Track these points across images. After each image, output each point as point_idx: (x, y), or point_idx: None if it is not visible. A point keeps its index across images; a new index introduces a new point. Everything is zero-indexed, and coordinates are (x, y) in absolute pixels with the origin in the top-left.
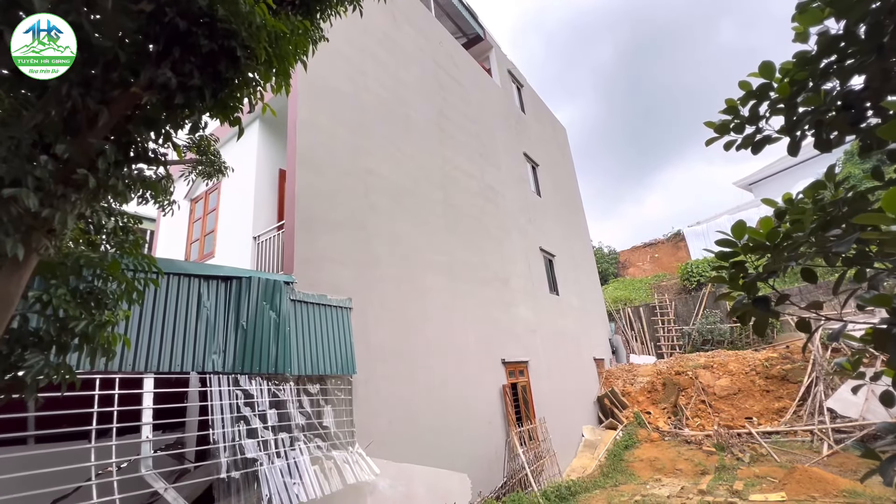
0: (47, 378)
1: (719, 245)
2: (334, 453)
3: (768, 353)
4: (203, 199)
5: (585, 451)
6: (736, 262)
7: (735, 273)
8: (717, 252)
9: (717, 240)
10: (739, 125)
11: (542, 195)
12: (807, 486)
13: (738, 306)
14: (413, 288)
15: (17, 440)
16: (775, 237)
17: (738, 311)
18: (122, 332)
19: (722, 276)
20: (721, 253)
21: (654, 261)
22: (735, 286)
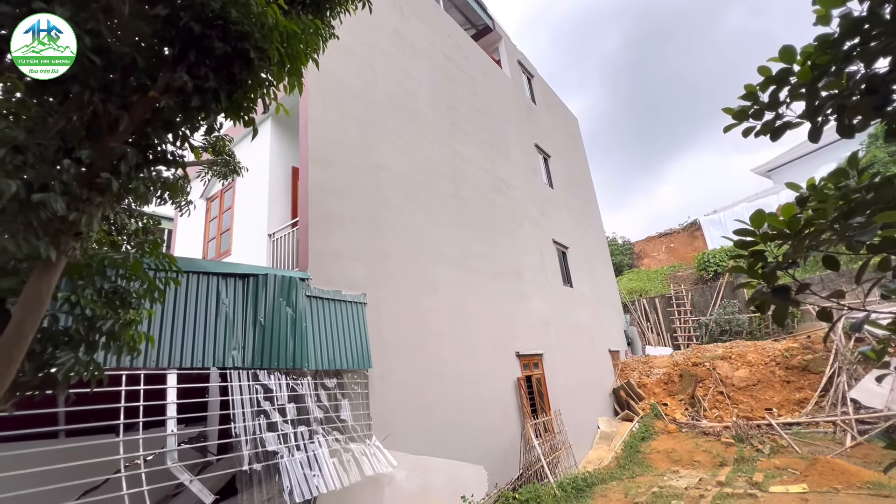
0: (77, 375)
1: (738, 234)
2: (352, 446)
3: (788, 344)
4: (218, 197)
5: (601, 443)
6: (755, 250)
7: (754, 262)
8: (735, 241)
9: (735, 229)
10: (759, 111)
11: (555, 186)
12: (829, 477)
13: (758, 296)
14: (426, 282)
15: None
16: (796, 225)
17: (757, 301)
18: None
19: (740, 266)
20: (739, 242)
21: (669, 251)
22: (754, 275)
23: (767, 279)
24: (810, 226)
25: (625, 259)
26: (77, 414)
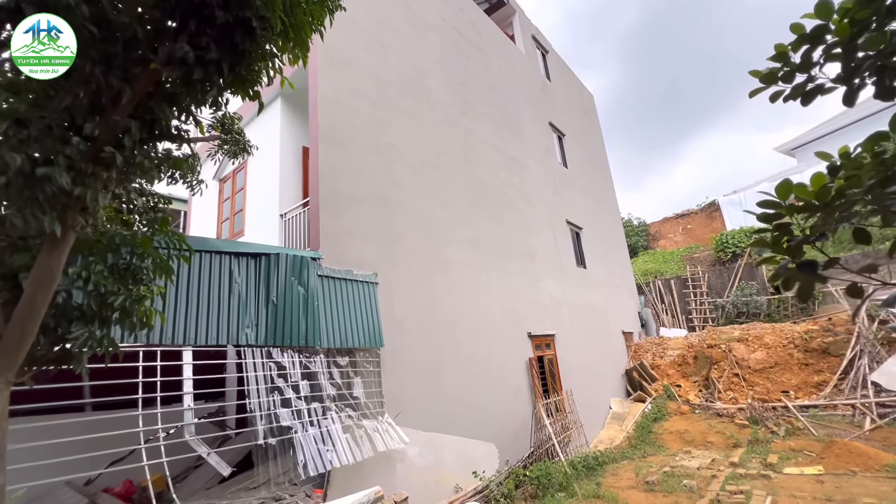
0: (91, 350)
1: (762, 206)
2: (365, 422)
3: (808, 326)
4: (231, 178)
5: (613, 423)
6: (780, 224)
7: (779, 236)
8: (758, 214)
9: (759, 201)
10: (789, 73)
11: (569, 166)
12: (846, 460)
13: (782, 271)
14: (437, 262)
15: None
16: (826, 195)
17: (780, 277)
18: (160, 308)
19: (763, 240)
20: (763, 215)
21: (686, 232)
22: (778, 250)
23: (793, 254)
24: (841, 196)
25: (640, 240)
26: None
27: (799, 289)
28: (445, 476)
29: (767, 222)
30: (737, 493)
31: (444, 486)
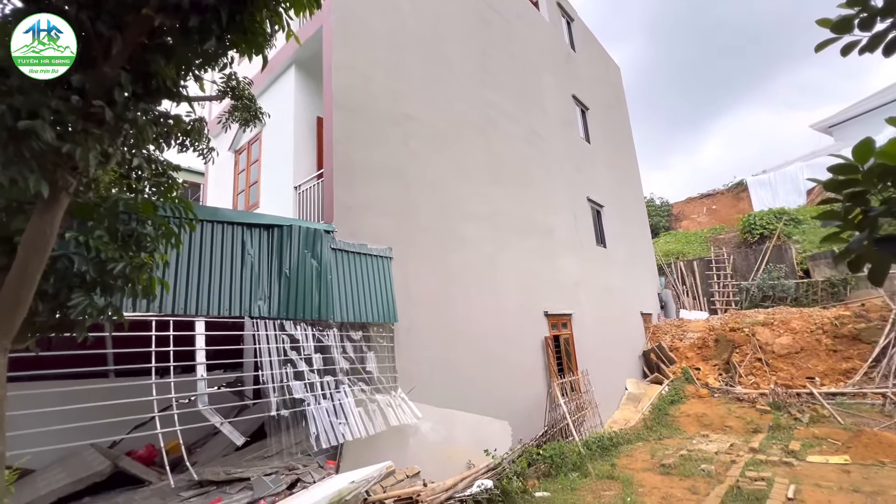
0: (92, 317)
1: (833, 172)
2: (378, 397)
3: (839, 312)
4: (246, 150)
5: (628, 404)
6: (854, 193)
7: (851, 207)
8: (826, 181)
9: (830, 166)
10: (868, 19)
11: (592, 141)
12: (874, 450)
13: (855, 247)
14: (453, 238)
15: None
16: None
17: (852, 254)
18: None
19: (833, 211)
20: (832, 182)
21: (711, 213)
22: (849, 224)
23: (869, 227)
24: None
25: (662, 220)
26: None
27: (872, 269)
28: (458, 452)
29: (838, 191)
30: (758, 479)
31: (456, 462)
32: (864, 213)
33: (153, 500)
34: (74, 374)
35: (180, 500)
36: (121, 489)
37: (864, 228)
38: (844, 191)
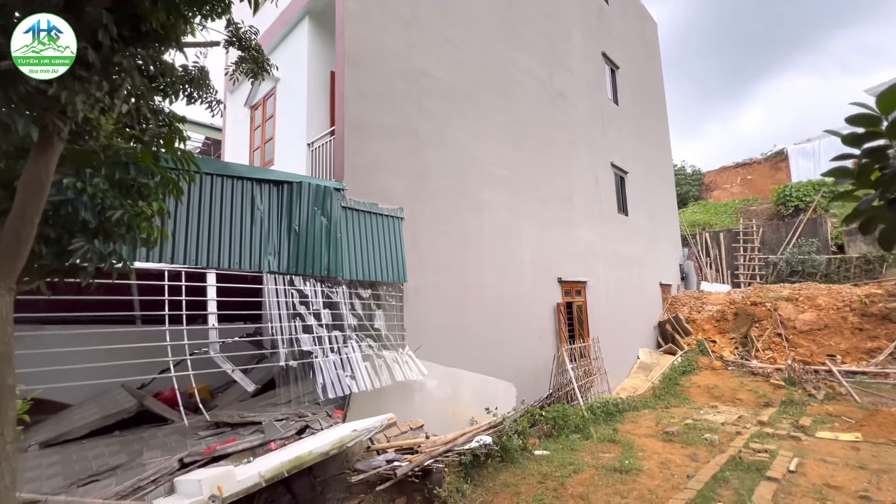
0: (93, 262)
1: (852, 122)
2: (385, 353)
3: (871, 290)
4: (261, 105)
5: (639, 373)
6: (873, 148)
7: (869, 163)
8: (844, 135)
9: (848, 116)
10: None
11: (620, 103)
12: (889, 429)
13: (864, 207)
14: (468, 202)
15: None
16: None
17: (861, 216)
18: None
19: (844, 168)
20: (851, 136)
21: (745, 183)
22: (864, 182)
23: (885, 187)
24: None
25: (692, 190)
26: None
27: (883, 232)
28: (462, 409)
29: (856, 145)
30: (761, 451)
31: (459, 419)
32: (882, 171)
33: (174, 436)
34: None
35: (198, 438)
36: (146, 425)
37: (881, 189)
38: (864, 145)
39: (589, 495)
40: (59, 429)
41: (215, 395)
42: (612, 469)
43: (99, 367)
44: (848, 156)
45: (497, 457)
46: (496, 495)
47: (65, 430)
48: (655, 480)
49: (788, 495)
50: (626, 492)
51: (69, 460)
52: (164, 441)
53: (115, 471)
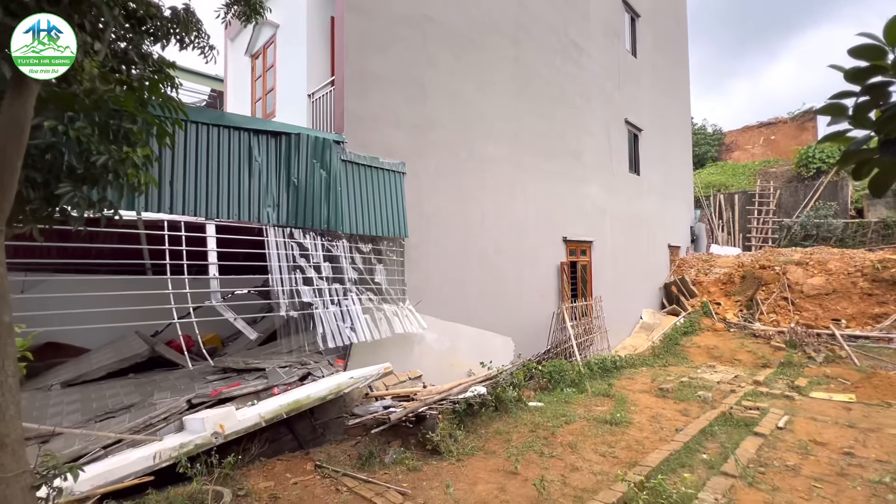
0: (80, 209)
1: (854, 55)
2: (385, 306)
3: (885, 255)
4: (261, 54)
5: (641, 332)
6: (875, 84)
7: (869, 101)
8: (847, 70)
9: (851, 47)
10: None
11: (638, 55)
12: (884, 391)
13: (854, 149)
14: (472, 156)
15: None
16: None
17: (853, 159)
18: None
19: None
20: (854, 71)
21: (768, 144)
22: (861, 121)
23: (882, 126)
24: None
25: (711, 150)
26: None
27: (874, 178)
28: (460, 362)
29: (858, 81)
30: (752, 408)
31: (457, 371)
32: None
33: (183, 380)
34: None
35: (206, 381)
36: (159, 370)
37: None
38: (866, 81)
39: (577, 444)
40: (79, 370)
41: (226, 343)
42: (602, 421)
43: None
44: (849, 93)
45: (492, 407)
46: (488, 441)
47: (84, 372)
48: (644, 433)
49: (772, 449)
50: (614, 442)
51: (88, 398)
52: (174, 384)
53: (129, 409)
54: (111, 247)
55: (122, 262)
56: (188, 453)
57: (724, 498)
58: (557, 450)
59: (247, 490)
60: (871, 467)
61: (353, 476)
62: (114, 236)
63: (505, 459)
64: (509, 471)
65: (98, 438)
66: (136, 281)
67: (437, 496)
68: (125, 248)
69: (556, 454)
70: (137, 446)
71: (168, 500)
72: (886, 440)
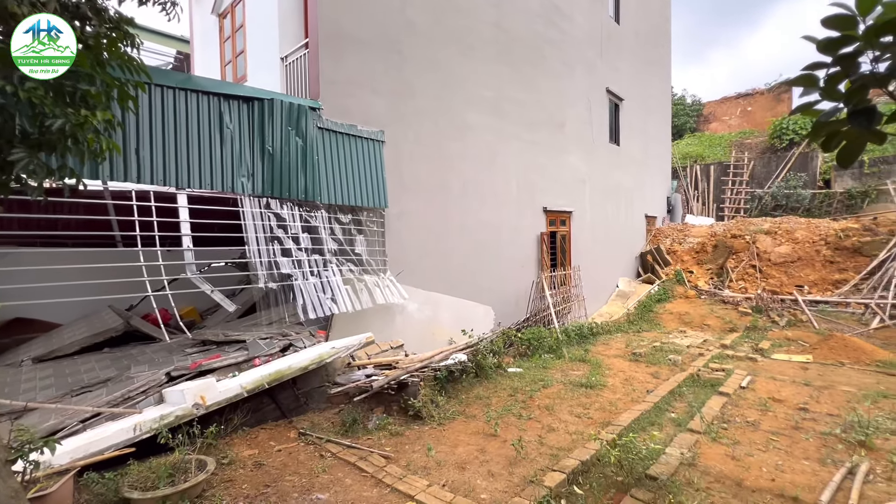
0: (38, 176)
1: (827, 25)
2: (366, 277)
3: (848, 224)
4: (230, 13)
5: (617, 300)
6: (845, 55)
7: (840, 73)
8: (819, 41)
9: (824, 17)
10: None
11: (622, 21)
12: (839, 352)
13: (824, 120)
14: (453, 124)
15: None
16: None
17: (823, 131)
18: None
19: (810, 76)
20: (826, 41)
21: (744, 115)
22: (831, 93)
23: (851, 98)
24: None
25: (689, 121)
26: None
27: (842, 150)
28: (442, 330)
29: (830, 52)
30: (718, 370)
31: (439, 339)
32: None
33: (161, 353)
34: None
35: (185, 354)
36: (135, 344)
37: (846, 99)
38: (838, 51)
39: (554, 406)
40: (50, 346)
41: (205, 316)
42: (578, 385)
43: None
44: (821, 64)
45: (472, 373)
46: (468, 406)
47: (56, 347)
48: (617, 394)
49: (735, 407)
50: (589, 404)
51: (62, 374)
52: (151, 357)
53: (105, 383)
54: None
55: (90, 234)
56: (169, 425)
57: (689, 452)
58: (535, 412)
59: (231, 458)
60: (822, 421)
61: (337, 442)
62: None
63: (485, 423)
64: (489, 433)
65: (75, 413)
66: (108, 253)
67: (419, 458)
68: (93, 220)
69: (533, 416)
70: (116, 419)
71: (150, 469)
72: (838, 396)
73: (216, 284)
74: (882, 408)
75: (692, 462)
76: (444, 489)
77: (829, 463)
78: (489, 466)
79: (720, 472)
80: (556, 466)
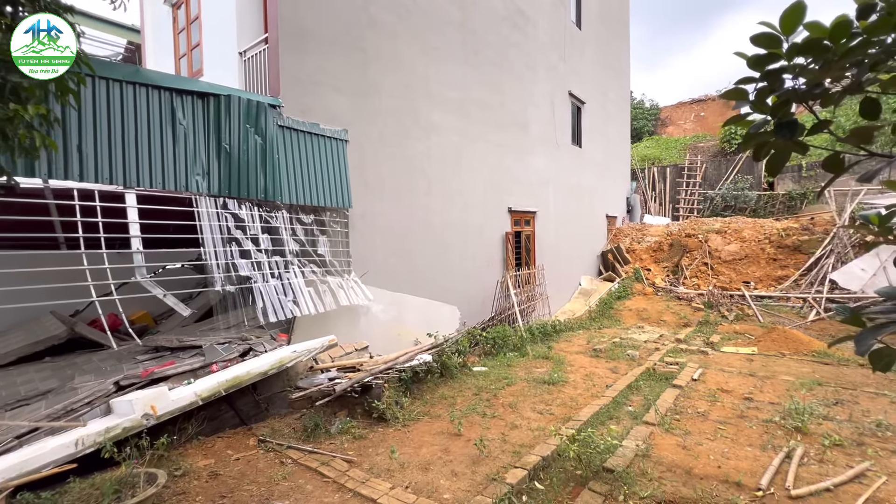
0: None
1: (755, 42)
2: (329, 279)
3: (789, 224)
4: (184, 3)
5: (579, 298)
6: (772, 71)
7: (767, 88)
8: (749, 57)
9: (752, 35)
10: None
11: (583, 27)
12: (780, 344)
13: (754, 132)
14: (417, 124)
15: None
16: (844, 32)
17: (752, 142)
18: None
19: (739, 90)
20: (755, 58)
21: (698, 120)
22: (760, 106)
23: (776, 111)
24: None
25: (647, 124)
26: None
27: (770, 159)
28: (407, 331)
29: (758, 67)
30: (672, 364)
31: (404, 341)
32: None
33: (109, 361)
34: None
35: (136, 362)
36: (80, 352)
37: (772, 113)
38: (764, 67)
39: (517, 403)
40: None
41: (159, 321)
42: (541, 381)
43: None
44: (751, 79)
45: (437, 373)
46: (433, 406)
47: None
48: (578, 390)
49: (687, 398)
50: (551, 400)
51: None
52: (98, 366)
53: (45, 395)
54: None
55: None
56: (115, 437)
57: (644, 444)
58: (499, 410)
59: (185, 469)
60: (765, 409)
61: (298, 448)
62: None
63: (449, 422)
64: (453, 433)
65: (9, 428)
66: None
67: (383, 461)
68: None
69: (497, 414)
70: (57, 434)
71: (94, 486)
72: (779, 385)
73: (171, 288)
74: (816, 395)
75: (646, 453)
76: (407, 491)
77: (769, 448)
78: (453, 466)
79: (672, 462)
80: (518, 463)
